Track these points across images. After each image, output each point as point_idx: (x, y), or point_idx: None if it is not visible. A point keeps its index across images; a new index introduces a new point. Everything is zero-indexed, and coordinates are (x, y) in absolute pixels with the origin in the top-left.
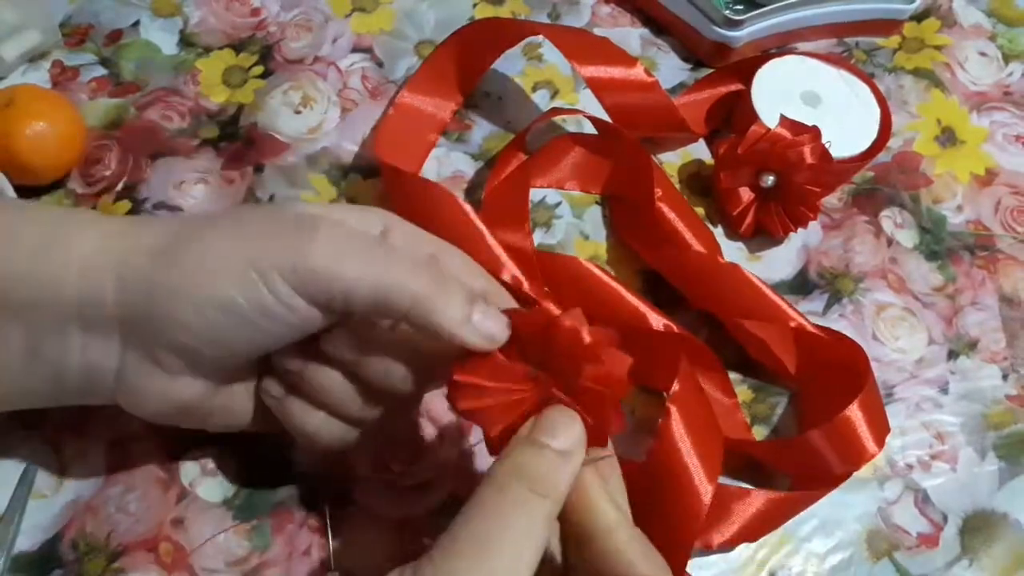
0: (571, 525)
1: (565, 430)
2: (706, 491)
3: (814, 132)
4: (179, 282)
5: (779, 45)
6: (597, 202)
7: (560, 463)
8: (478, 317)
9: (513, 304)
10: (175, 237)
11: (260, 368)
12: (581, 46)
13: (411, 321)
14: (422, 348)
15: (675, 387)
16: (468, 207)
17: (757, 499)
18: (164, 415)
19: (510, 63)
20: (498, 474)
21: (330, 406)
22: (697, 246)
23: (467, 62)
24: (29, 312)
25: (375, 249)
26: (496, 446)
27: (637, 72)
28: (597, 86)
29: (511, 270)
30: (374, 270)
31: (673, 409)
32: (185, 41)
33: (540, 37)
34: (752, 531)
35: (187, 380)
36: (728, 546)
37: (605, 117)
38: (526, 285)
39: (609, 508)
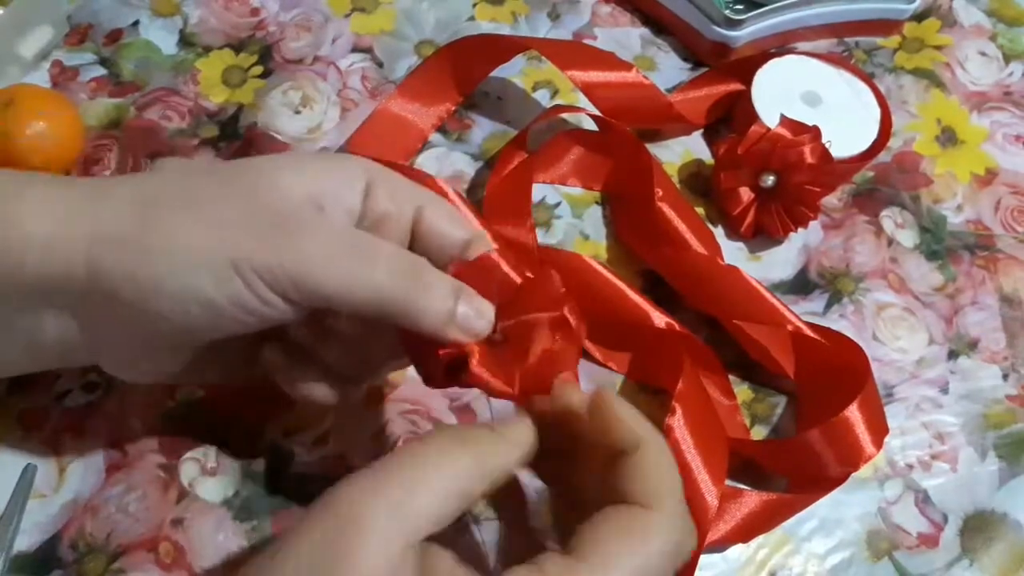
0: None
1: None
2: (710, 491)
3: (814, 132)
4: (154, 272)
5: (779, 45)
6: (597, 202)
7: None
8: (461, 312)
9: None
10: (143, 220)
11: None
12: (575, 57)
13: (394, 322)
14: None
15: (680, 385)
16: (447, 186)
17: (751, 500)
18: (146, 379)
19: (509, 64)
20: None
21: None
22: (697, 246)
23: (458, 75)
24: None
25: (358, 254)
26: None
27: (633, 76)
28: (592, 90)
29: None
30: (356, 279)
31: (678, 408)
32: (185, 41)
33: None
34: (745, 531)
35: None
36: (719, 545)
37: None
38: None
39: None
